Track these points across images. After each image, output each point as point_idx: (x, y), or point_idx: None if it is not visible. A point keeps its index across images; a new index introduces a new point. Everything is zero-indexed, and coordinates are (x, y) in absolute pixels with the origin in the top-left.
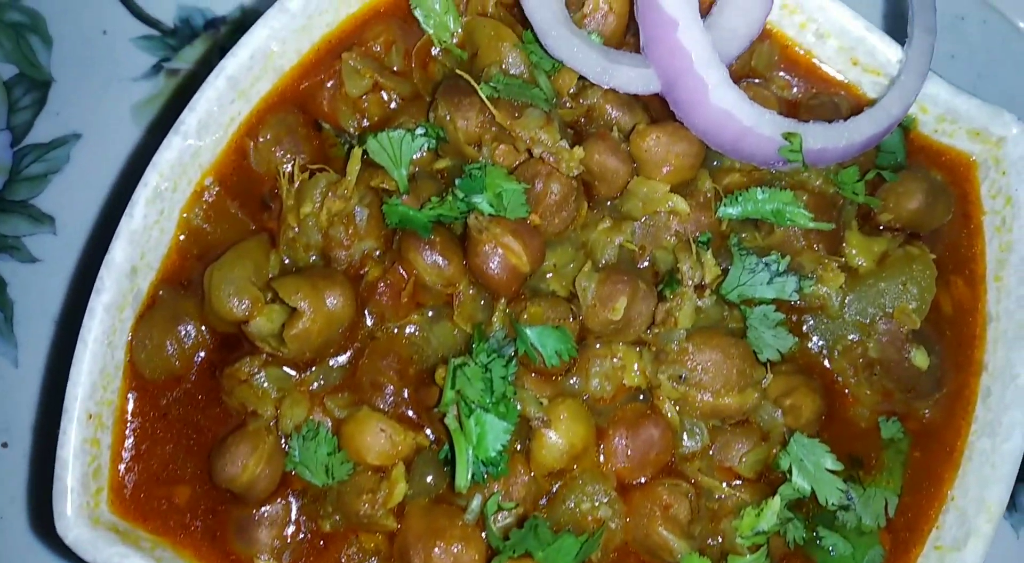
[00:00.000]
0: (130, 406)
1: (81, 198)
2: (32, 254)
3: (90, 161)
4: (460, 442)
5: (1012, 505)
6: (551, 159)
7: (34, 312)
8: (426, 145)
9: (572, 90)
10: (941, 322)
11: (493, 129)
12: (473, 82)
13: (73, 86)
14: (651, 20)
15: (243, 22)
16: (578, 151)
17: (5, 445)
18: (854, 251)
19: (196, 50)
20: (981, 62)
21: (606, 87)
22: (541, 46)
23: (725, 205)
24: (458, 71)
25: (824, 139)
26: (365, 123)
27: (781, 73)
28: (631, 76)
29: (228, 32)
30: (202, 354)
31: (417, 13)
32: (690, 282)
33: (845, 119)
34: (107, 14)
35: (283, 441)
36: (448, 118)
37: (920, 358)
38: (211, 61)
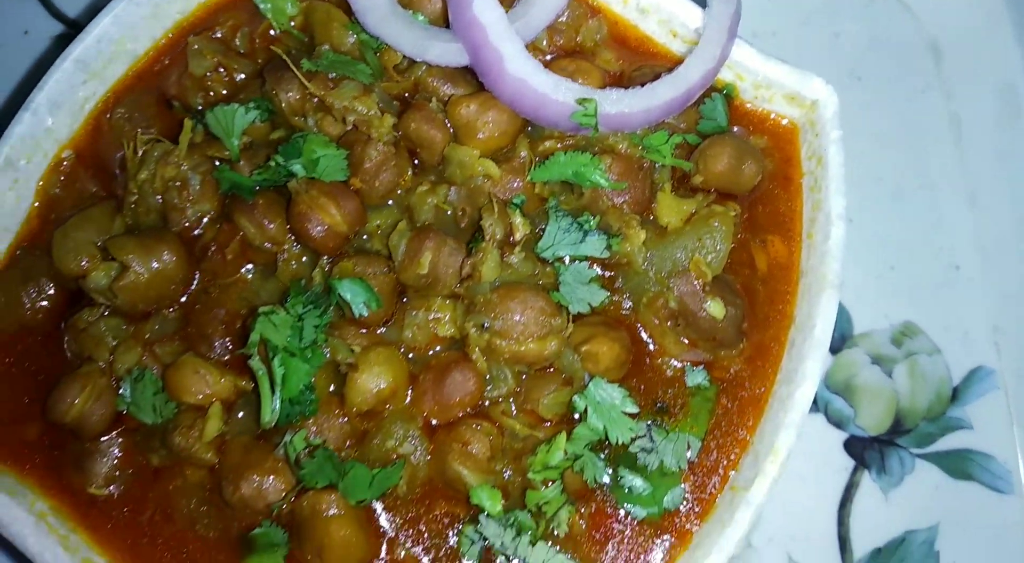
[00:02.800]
0: None
1: None
2: None
3: None
4: (263, 382)
5: (882, 468)
6: (364, 126)
7: None
8: (258, 118)
9: (402, 66)
10: (755, 279)
11: (315, 101)
12: (288, 58)
13: None
14: None
15: None
16: (388, 118)
17: None
18: (665, 211)
19: None
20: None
21: (420, 61)
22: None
23: (535, 169)
24: (274, 48)
25: (621, 104)
26: (212, 99)
27: (609, 50)
28: (442, 50)
29: None
30: (51, 307)
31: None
32: (490, 237)
33: None
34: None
35: (117, 384)
36: (273, 92)
37: (716, 308)
38: None
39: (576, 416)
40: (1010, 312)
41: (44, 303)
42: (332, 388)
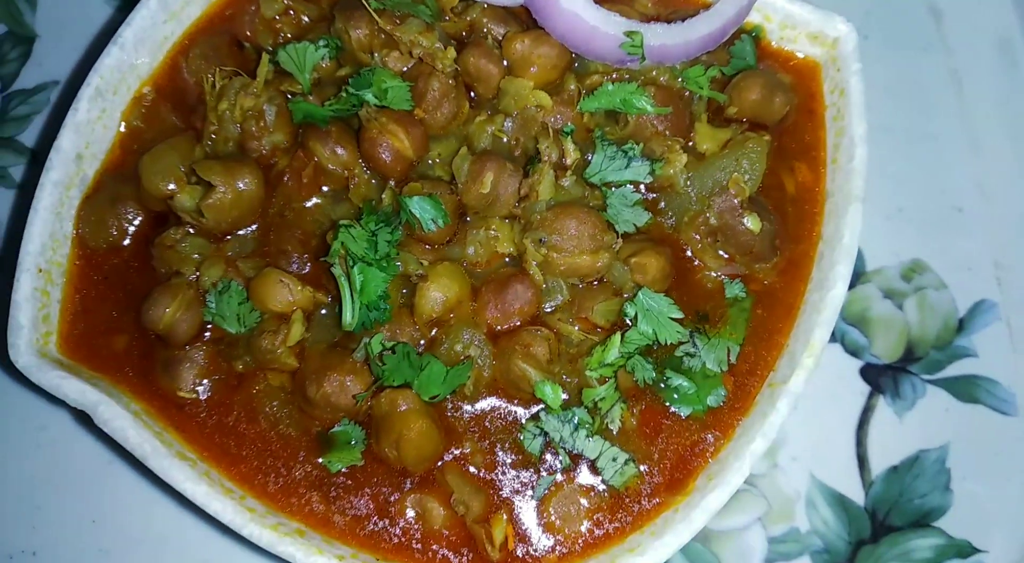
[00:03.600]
0: (77, 270)
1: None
2: (15, 181)
3: (67, 103)
4: (344, 286)
5: (896, 393)
6: (428, 58)
7: (17, 231)
8: (327, 55)
9: (458, 9)
10: (784, 201)
11: (382, 37)
12: None
13: (54, 41)
14: None
15: None
16: (451, 51)
17: None
18: (702, 139)
19: None
20: None
21: (477, 1)
22: None
23: (584, 99)
24: None
25: (663, 37)
26: (281, 41)
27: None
28: None
29: None
30: (137, 228)
31: None
32: (547, 158)
33: None
34: None
35: (203, 297)
36: (343, 29)
37: (753, 222)
38: None
39: (627, 322)
40: (1010, 249)
41: (130, 225)
42: (403, 299)
